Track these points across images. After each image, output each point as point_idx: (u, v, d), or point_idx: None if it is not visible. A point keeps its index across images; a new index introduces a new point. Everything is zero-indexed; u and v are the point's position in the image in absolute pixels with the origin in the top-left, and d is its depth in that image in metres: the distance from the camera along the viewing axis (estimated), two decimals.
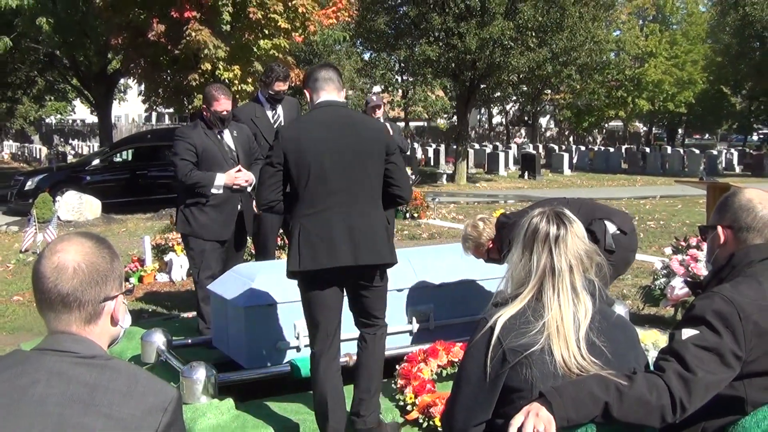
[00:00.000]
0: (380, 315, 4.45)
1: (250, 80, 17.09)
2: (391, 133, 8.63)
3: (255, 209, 6.33)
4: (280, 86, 6.80)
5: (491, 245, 5.29)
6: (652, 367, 2.48)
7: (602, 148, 45.48)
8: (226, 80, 16.18)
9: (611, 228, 5.19)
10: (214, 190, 5.95)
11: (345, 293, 4.34)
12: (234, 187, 6.01)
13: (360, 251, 4.15)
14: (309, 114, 4.39)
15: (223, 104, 6.04)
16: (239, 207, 6.19)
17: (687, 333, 2.48)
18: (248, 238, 6.52)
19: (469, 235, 5.36)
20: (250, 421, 4.74)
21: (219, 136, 6.14)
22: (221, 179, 5.95)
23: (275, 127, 6.66)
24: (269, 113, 6.81)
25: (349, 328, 4.52)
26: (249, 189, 6.12)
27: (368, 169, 4.26)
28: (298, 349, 5.16)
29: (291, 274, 4.26)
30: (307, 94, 4.38)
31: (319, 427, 4.35)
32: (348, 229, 4.14)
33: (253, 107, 6.92)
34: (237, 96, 16.59)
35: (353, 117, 4.44)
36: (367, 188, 4.27)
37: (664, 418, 2.31)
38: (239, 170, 6.03)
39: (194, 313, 6.56)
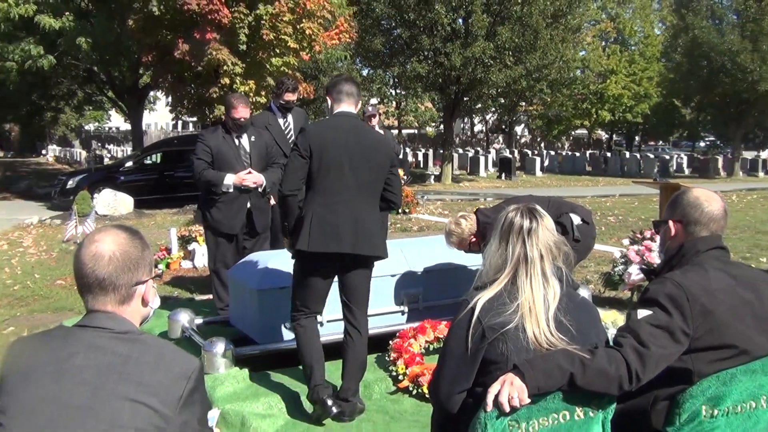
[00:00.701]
0: (364, 303, 4.48)
1: (263, 93, 17.07)
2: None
3: (273, 200, 6.32)
4: (290, 96, 6.81)
5: (473, 239, 5.30)
6: (611, 343, 2.49)
7: (569, 152, 45.55)
8: (242, 93, 16.17)
9: (576, 219, 5.26)
10: (223, 189, 5.94)
11: (336, 277, 4.40)
12: (242, 186, 5.99)
13: (359, 242, 4.22)
14: (330, 120, 4.42)
15: (241, 112, 6.03)
16: (248, 205, 6.16)
17: (642, 313, 2.49)
18: (263, 232, 6.43)
19: (453, 231, 5.36)
20: (263, 388, 4.76)
21: (237, 141, 6.12)
22: (230, 179, 5.93)
23: (286, 133, 6.68)
24: (281, 121, 6.82)
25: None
26: (260, 190, 6.10)
27: (374, 174, 4.33)
28: (321, 324, 5.15)
29: (296, 252, 4.30)
30: (329, 100, 4.43)
31: (307, 383, 4.42)
32: (353, 222, 4.21)
33: (267, 116, 6.92)
34: (252, 107, 16.55)
35: (366, 129, 4.49)
36: (371, 190, 4.35)
37: (621, 387, 2.32)
38: (249, 172, 6.01)
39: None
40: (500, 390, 2.20)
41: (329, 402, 4.31)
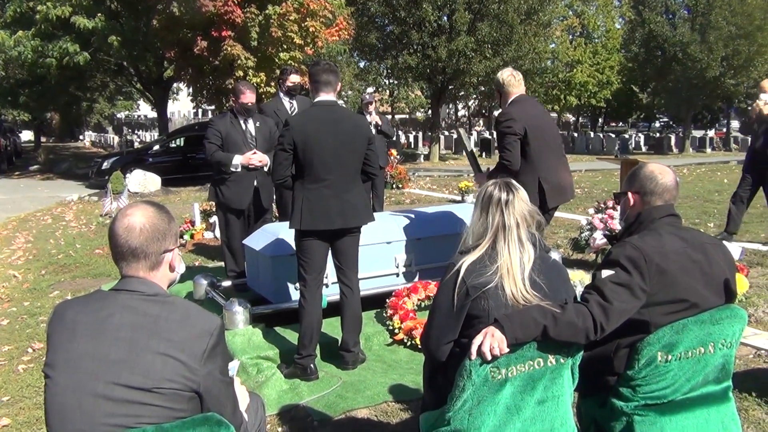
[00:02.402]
0: (354, 265, 4.47)
1: (272, 84, 17.00)
2: (381, 122, 8.61)
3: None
4: (295, 78, 6.75)
5: (500, 96, 5.14)
6: (579, 299, 2.49)
7: None
8: (254, 84, 16.09)
9: None
10: (232, 168, 5.87)
11: (330, 245, 4.39)
12: (249, 166, 5.92)
13: (347, 217, 4.25)
14: (310, 110, 4.37)
15: (249, 97, 5.96)
16: (255, 183, 6.09)
17: (606, 273, 2.49)
18: (268, 207, 6.41)
19: (507, 71, 5.11)
20: (276, 341, 4.78)
21: (244, 125, 6.04)
22: (238, 159, 5.85)
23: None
24: (287, 105, 6.75)
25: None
26: (265, 169, 6.06)
27: (354, 154, 4.29)
28: (326, 285, 5.14)
29: (293, 229, 4.34)
30: (310, 87, 4.38)
31: (299, 348, 4.39)
32: (339, 201, 4.22)
33: (275, 102, 6.87)
34: (263, 96, 16.51)
35: (343, 114, 4.37)
36: (352, 169, 4.32)
37: (588, 337, 2.33)
38: (254, 153, 5.95)
39: None
40: (483, 341, 2.21)
41: (312, 367, 4.36)
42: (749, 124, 8.09)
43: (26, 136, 47.00)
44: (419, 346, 4.53)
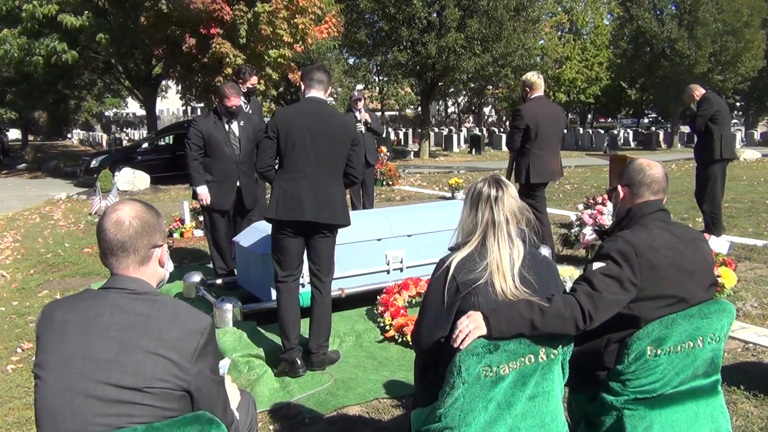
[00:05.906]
0: (327, 268, 4.44)
1: (262, 82, 16.96)
2: (371, 120, 8.60)
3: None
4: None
5: (526, 92, 6.48)
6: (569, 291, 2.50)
7: None
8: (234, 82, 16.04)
9: None
10: (196, 189, 5.97)
11: (305, 243, 4.39)
12: (200, 200, 6.01)
13: (320, 212, 4.22)
14: (297, 104, 4.38)
15: (233, 100, 5.94)
16: (237, 184, 6.09)
17: (597, 265, 2.52)
18: (251, 207, 6.36)
19: (532, 76, 6.46)
20: (267, 339, 4.79)
21: (227, 126, 6.02)
22: (203, 190, 5.94)
23: None
24: None
25: (338, 267, 4.52)
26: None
27: (335, 151, 4.29)
28: (302, 285, 5.16)
29: (268, 219, 4.34)
30: (302, 86, 4.40)
31: (282, 343, 4.43)
32: (314, 194, 4.20)
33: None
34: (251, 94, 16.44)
35: (330, 111, 4.38)
36: (332, 165, 4.31)
37: (577, 327, 2.33)
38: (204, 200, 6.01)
39: None
40: (463, 323, 2.25)
41: (298, 362, 4.37)
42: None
43: (13, 134, 46.76)
44: (410, 343, 4.54)
